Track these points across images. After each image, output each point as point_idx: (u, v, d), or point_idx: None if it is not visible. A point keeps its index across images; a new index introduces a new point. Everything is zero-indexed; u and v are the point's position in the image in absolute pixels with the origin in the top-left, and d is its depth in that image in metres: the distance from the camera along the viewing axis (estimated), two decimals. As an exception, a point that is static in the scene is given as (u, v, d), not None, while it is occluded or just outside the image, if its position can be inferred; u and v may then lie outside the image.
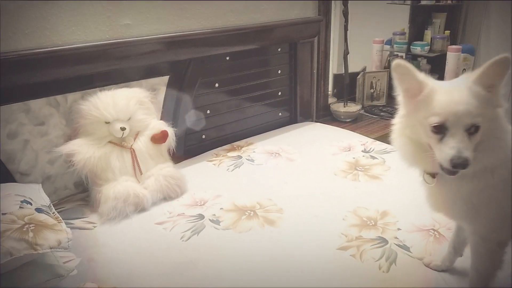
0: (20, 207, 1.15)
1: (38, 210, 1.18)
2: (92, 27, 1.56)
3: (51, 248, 1.07)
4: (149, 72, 1.74)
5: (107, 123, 1.52)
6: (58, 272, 1.12)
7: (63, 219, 1.23)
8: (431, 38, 2.87)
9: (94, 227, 1.41)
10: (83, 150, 1.48)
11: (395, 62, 0.91)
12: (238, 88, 2.06)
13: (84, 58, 1.52)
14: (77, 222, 1.43)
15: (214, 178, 1.73)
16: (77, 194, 1.63)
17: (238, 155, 1.93)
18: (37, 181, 1.50)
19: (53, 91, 1.52)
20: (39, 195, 1.32)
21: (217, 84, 1.97)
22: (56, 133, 1.55)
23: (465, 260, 1.17)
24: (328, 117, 2.48)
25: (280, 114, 2.28)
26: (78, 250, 1.27)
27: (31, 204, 1.20)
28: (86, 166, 1.47)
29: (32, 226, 1.09)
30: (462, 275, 1.15)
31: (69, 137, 1.54)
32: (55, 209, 1.32)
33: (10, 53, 1.38)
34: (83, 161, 1.47)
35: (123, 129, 1.51)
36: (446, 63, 2.68)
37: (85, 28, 1.54)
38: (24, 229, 1.07)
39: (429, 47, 2.84)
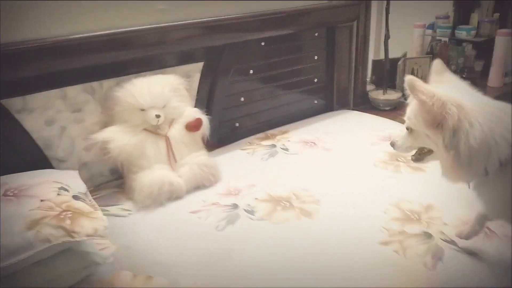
0: (57, 194, 1.15)
1: (75, 197, 1.18)
2: (127, 13, 1.54)
3: (88, 236, 1.06)
4: (184, 59, 1.71)
5: (142, 110, 1.50)
6: (94, 260, 1.12)
7: (98, 206, 1.23)
8: (478, 22, 2.68)
9: (129, 214, 1.41)
10: (118, 137, 1.47)
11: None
12: (273, 74, 2.00)
13: (118, 44, 1.50)
14: (112, 209, 1.43)
15: (248, 167, 1.70)
16: (113, 181, 1.63)
17: (272, 144, 1.88)
18: (73, 168, 1.50)
19: (89, 78, 1.51)
20: (76, 182, 1.32)
21: (251, 70, 1.92)
22: (92, 120, 1.55)
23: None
24: (366, 105, 2.38)
25: (315, 101, 2.21)
26: (113, 238, 1.26)
27: (68, 191, 1.20)
28: (121, 154, 1.47)
29: (70, 214, 1.08)
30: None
31: (105, 124, 1.54)
32: (91, 196, 1.33)
33: (47, 39, 1.38)
34: (118, 149, 1.46)
35: (158, 116, 1.49)
36: (494, 48, 2.51)
37: (119, 14, 1.53)
38: (62, 216, 1.07)
39: (475, 31, 2.66)
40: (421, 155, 1.06)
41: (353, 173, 1.62)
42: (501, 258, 1.12)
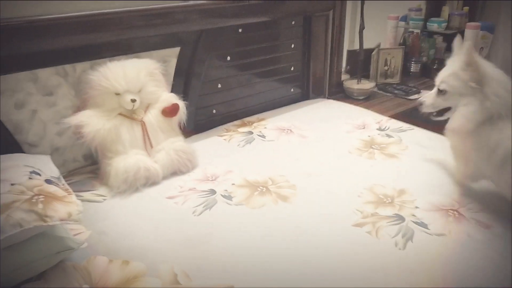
0: (29, 178, 1.11)
1: (48, 181, 1.14)
2: (101, -6, 1.50)
3: (61, 220, 1.03)
4: (160, 43, 1.68)
5: (117, 94, 1.47)
6: (69, 245, 1.09)
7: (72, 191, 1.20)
8: (449, 15, 2.77)
9: (104, 200, 1.39)
10: (93, 122, 1.44)
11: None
12: (250, 62, 2.00)
13: (93, 26, 1.46)
14: (87, 195, 1.41)
15: (225, 154, 1.70)
16: (86, 167, 1.60)
17: (249, 131, 1.89)
18: (45, 153, 1.46)
19: (62, 60, 1.47)
20: (48, 167, 1.28)
21: (229, 57, 1.91)
22: (64, 104, 1.50)
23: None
24: (340, 94, 2.42)
25: (292, 90, 2.23)
26: (88, 223, 1.24)
27: (40, 175, 1.16)
28: (96, 138, 1.43)
29: (42, 198, 1.05)
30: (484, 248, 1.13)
31: (78, 108, 1.50)
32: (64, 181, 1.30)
33: (17, 19, 1.32)
34: (93, 133, 1.43)
35: (133, 101, 1.47)
36: (464, 40, 2.59)
37: (94, -5, 1.49)
38: (34, 200, 1.03)
39: (446, 24, 2.74)
40: (441, 111, 1.31)
41: (329, 159, 1.64)
42: (469, 239, 1.17)
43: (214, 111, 1.95)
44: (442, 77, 1.25)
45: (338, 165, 1.59)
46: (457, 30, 2.71)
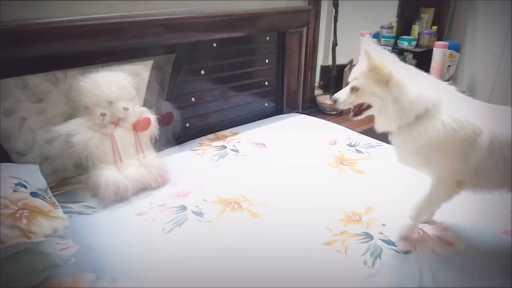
0: (14, 190, 1.06)
1: (34, 194, 1.10)
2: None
3: (46, 237, 0.99)
4: (132, 56, 1.66)
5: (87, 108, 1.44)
6: (54, 261, 1.05)
7: (61, 202, 1.16)
8: (418, 33, 2.87)
9: (94, 212, 1.36)
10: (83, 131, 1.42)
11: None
12: (225, 76, 2.01)
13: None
14: (76, 206, 1.37)
15: (197, 169, 1.69)
16: (77, 176, 1.55)
17: (223, 145, 1.89)
18: (34, 162, 1.41)
19: (52, 66, 1.42)
20: (35, 178, 1.23)
21: (203, 71, 1.91)
22: (55, 111, 1.46)
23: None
24: (313, 109, 2.45)
25: (266, 104, 2.24)
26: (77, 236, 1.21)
27: (26, 187, 1.11)
28: (86, 148, 1.41)
29: (26, 212, 1.00)
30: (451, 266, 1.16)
31: (69, 116, 1.46)
32: (53, 192, 1.25)
33: (7, 23, 1.27)
34: (83, 142, 1.41)
35: (103, 114, 1.44)
36: (432, 59, 2.69)
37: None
38: (18, 215, 0.98)
39: (416, 42, 2.84)
40: (360, 110, 1.26)
41: (300, 175, 1.66)
42: (432, 255, 1.21)
43: (187, 124, 1.94)
44: (354, 75, 1.20)
45: (309, 181, 1.61)
46: (426, 48, 2.81)
